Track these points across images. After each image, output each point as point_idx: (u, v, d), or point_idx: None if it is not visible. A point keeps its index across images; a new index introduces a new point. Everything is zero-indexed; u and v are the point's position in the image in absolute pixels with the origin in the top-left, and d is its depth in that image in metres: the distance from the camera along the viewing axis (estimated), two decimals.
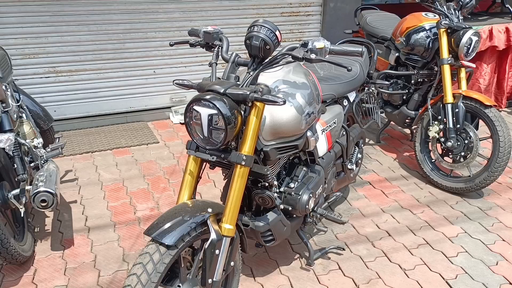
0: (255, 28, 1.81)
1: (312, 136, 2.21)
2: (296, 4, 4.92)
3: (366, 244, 2.82)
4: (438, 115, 3.36)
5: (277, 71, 2.07)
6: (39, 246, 2.77)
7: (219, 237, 1.80)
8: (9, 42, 3.95)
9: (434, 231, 2.95)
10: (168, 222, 1.73)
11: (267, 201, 2.13)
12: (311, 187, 2.28)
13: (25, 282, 2.48)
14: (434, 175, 3.45)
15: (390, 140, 4.28)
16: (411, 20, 3.66)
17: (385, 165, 3.80)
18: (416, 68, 3.66)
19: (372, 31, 4.20)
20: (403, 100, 3.82)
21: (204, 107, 1.76)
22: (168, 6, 4.36)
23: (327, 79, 2.58)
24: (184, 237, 1.73)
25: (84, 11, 4.09)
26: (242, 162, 1.83)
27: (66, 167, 3.69)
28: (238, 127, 1.83)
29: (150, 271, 1.64)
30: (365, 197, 3.33)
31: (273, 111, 1.97)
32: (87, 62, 4.27)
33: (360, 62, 2.78)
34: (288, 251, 2.74)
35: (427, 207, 3.22)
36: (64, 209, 3.13)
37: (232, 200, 1.85)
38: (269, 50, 1.81)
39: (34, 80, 4.14)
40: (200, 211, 1.81)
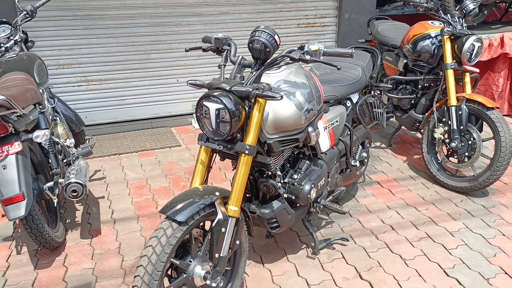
0: (257, 33, 2.06)
1: (313, 132, 2.43)
2: (312, 16, 5.17)
3: (370, 236, 3.00)
4: (443, 117, 3.52)
5: (280, 72, 2.31)
6: (70, 235, 3.05)
7: (225, 217, 2.04)
8: (46, 53, 4.33)
9: (437, 226, 3.10)
10: (181, 202, 1.97)
11: (271, 189, 2.36)
12: (313, 179, 2.49)
13: (57, 265, 2.76)
14: (440, 175, 3.60)
15: (402, 144, 4.45)
16: (418, 28, 3.85)
17: (395, 166, 3.97)
18: (422, 74, 3.84)
19: (383, 40, 4.40)
20: (412, 104, 3.99)
21: (213, 103, 2.02)
22: (190, 19, 4.67)
23: (330, 81, 2.80)
24: (194, 216, 1.97)
25: (113, 25, 4.44)
26: (246, 151, 2.07)
27: (95, 167, 4.00)
28: (243, 120, 2.07)
29: (163, 243, 1.88)
30: (373, 195, 3.51)
31: (276, 107, 2.20)
32: (116, 72, 4.61)
33: (362, 66, 2.99)
34: (296, 242, 2.95)
35: (432, 204, 3.37)
36: (93, 204, 3.42)
37: (237, 185, 2.08)
38: (269, 52, 2.06)
39: (68, 88, 4.50)
40: (209, 194, 2.05)
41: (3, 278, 2.64)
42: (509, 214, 3.23)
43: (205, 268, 2.04)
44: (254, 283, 2.58)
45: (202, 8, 4.67)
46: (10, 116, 2.49)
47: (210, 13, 4.73)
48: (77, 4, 4.28)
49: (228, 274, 2.33)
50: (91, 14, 4.35)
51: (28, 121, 2.62)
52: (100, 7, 4.36)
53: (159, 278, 1.87)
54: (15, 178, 2.44)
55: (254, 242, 2.94)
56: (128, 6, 4.44)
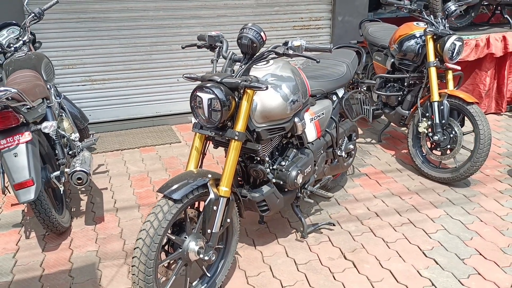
0: (245, 30, 2.28)
1: (299, 122, 2.65)
2: (307, 18, 5.39)
3: (355, 222, 3.21)
4: (426, 112, 3.73)
5: (268, 66, 2.53)
6: (75, 222, 3.27)
7: (217, 197, 2.25)
8: (51, 54, 4.55)
9: (419, 213, 3.31)
10: (176, 183, 2.19)
11: (260, 174, 2.57)
12: (300, 166, 2.70)
13: (63, 248, 2.97)
14: (424, 167, 3.81)
15: (391, 139, 4.66)
16: (403, 29, 4.07)
17: (383, 160, 4.18)
18: (408, 72, 4.05)
19: (373, 41, 4.62)
20: (399, 101, 4.20)
21: (205, 93, 2.24)
22: (190, 21, 4.90)
23: (317, 77, 3.02)
24: (188, 195, 2.18)
25: (115, 27, 4.67)
26: (235, 137, 2.29)
27: (98, 162, 4.21)
28: (232, 109, 2.29)
29: (160, 219, 2.09)
30: (361, 185, 3.72)
31: (263, 98, 2.42)
32: (118, 72, 4.83)
33: (347, 63, 3.21)
34: (286, 227, 3.16)
35: (416, 194, 3.58)
36: (97, 194, 3.64)
37: (228, 168, 2.29)
38: (256, 47, 2.28)
39: (72, 87, 4.72)
40: (202, 176, 2.27)
41: (13, 259, 2.85)
42: (488, 203, 3.43)
43: (199, 244, 2.25)
44: (246, 263, 2.79)
45: (201, 11, 4.90)
46: (21, 108, 2.71)
47: (209, 16, 4.95)
48: (82, 7, 4.51)
49: (221, 252, 2.54)
50: (95, 17, 4.58)
51: (37, 114, 2.85)
52: (103, 10, 4.59)
53: (156, 250, 2.08)
54: (25, 165, 2.66)
55: (247, 227, 3.15)
56: (130, 9, 4.67)
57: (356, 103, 3.32)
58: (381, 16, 6.89)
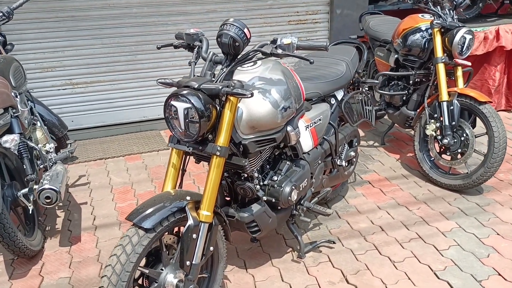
0: (225, 26, 1.95)
1: (293, 131, 2.33)
2: (303, 12, 5.05)
3: (358, 238, 2.89)
4: (434, 113, 3.40)
5: (255, 68, 2.20)
6: (48, 243, 2.96)
7: (196, 223, 1.93)
8: (29, 56, 4.24)
9: (428, 226, 2.99)
10: (148, 208, 1.87)
11: (248, 192, 2.25)
12: (294, 180, 2.38)
13: (32, 275, 2.66)
14: (433, 173, 3.49)
15: (395, 141, 4.33)
16: (408, 22, 3.74)
17: (387, 165, 3.86)
18: (414, 69, 3.72)
19: (374, 35, 4.29)
20: (403, 101, 3.87)
21: (181, 102, 1.91)
22: (177, 18, 4.57)
23: (312, 78, 2.69)
24: (163, 222, 1.87)
25: (97, 26, 4.35)
26: (217, 152, 1.97)
27: (80, 172, 3.90)
28: (213, 120, 1.97)
29: (128, 252, 1.78)
30: (363, 195, 3.40)
31: (250, 105, 2.09)
32: (102, 74, 4.51)
33: (347, 61, 2.88)
34: (282, 245, 2.84)
35: (424, 203, 3.26)
36: (75, 210, 3.33)
37: (209, 189, 1.98)
38: (238, 46, 1.95)
39: (52, 92, 4.40)
40: (180, 199, 1.95)
41: None
42: (504, 212, 3.10)
43: (178, 277, 1.94)
44: None
45: (189, 6, 4.57)
46: None
47: (197, 12, 4.62)
48: (60, 5, 4.19)
49: (206, 281, 2.23)
50: (74, 15, 4.26)
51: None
52: (83, 7, 4.26)
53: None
54: None
55: (238, 246, 2.84)
56: (112, 6, 4.34)
57: (357, 105, 2.99)
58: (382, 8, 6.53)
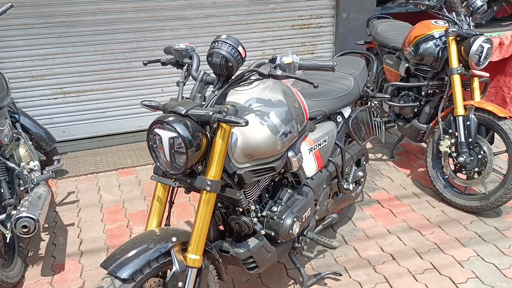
0: (216, 44, 1.70)
1: (294, 157, 2.07)
2: (307, 16, 4.79)
3: (367, 268, 2.63)
4: (449, 128, 3.15)
5: (252, 88, 1.95)
6: (30, 271, 2.72)
7: (183, 268, 1.69)
8: (17, 64, 4.01)
9: (443, 254, 2.73)
10: (126, 253, 1.63)
11: (244, 227, 2.00)
12: (296, 211, 2.13)
13: None
14: (447, 192, 3.23)
15: (405, 155, 4.07)
16: (420, 29, 3.47)
17: (397, 182, 3.60)
18: (426, 79, 3.46)
19: (383, 41, 4.03)
20: (415, 113, 3.61)
21: (165, 130, 1.67)
22: (174, 23, 4.33)
23: (317, 95, 2.44)
24: (144, 269, 1.63)
25: (89, 32, 4.11)
26: (207, 187, 1.72)
27: (69, 189, 3.67)
28: (203, 150, 1.72)
29: None
30: (372, 216, 3.14)
31: (245, 131, 1.85)
32: (94, 82, 4.28)
33: (355, 75, 2.62)
34: (283, 277, 2.59)
35: (438, 227, 3.00)
36: (60, 232, 3.09)
37: (198, 229, 1.73)
38: (231, 67, 1.70)
39: (42, 101, 4.17)
40: (164, 240, 1.71)
41: None
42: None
43: None
44: None
45: (187, 11, 4.32)
46: None
47: (196, 16, 4.37)
48: (49, 10, 3.95)
49: None
50: (64, 21, 4.02)
51: None
52: (74, 13, 4.02)
53: None
54: None
55: (235, 277, 2.60)
56: (105, 11, 4.10)
57: (366, 122, 2.73)
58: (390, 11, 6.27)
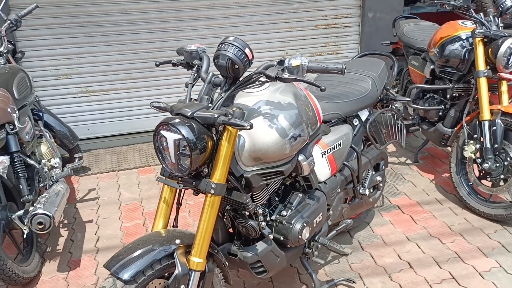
0: (223, 46, 1.68)
1: (305, 161, 2.03)
2: (331, 16, 4.72)
3: (382, 276, 2.57)
4: (474, 133, 3.03)
5: (262, 91, 1.92)
6: (47, 267, 2.78)
7: (185, 271, 1.68)
8: (44, 63, 4.10)
9: (464, 264, 2.63)
10: (130, 254, 1.63)
11: (251, 232, 1.98)
12: (306, 216, 2.09)
13: None
14: (471, 199, 3.11)
15: (430, 159, 3.95)
16: (446, 30, 3.37)
17: (419, 187, 3.50)
18: (451, 82, 3.35)
19: (408, 42, 3.93)
20: (439, 116, 3.50)
21: (170, 132, 1.66)
22: (197, 23, 4.34)
23: (332, 97, 2.39)
24: (146, 271, 1.62)
25: (114, 32, 4.16)
26: (212, 190, 1.70)
27: (90, 186, 3.72)
28: (208, 152, 1.71)
29: None
30: (391, 222, 3.06)
31: (253, 134, 1.82)
32: (118, 82, 4.33)
33: (373, 77, 2.55)
34: (295, 281, 2.55)
35: (460, 235, 2.90)
36: (79, 229, 3.14)
37: (202, 232, 1.72)
38: (238, 69, 1.68)
39: (68, 99, 4.25)
40: (168, 242, 1.70)
41: None
42: None
43: None
44: None
45: (210, 11, 4.33)
46: None
47: (219, 16, 4.37)
48: (76, 10, 4.02)
49: None
50: (90, 21, 4.08)
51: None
52: (100, 13, 4.08)
53: None
54: None
55: (246, 280, 2.57)
56: (130, 12, 4.15)
57: (385, 125, 2.66)
58: (420, 10, 6.14)
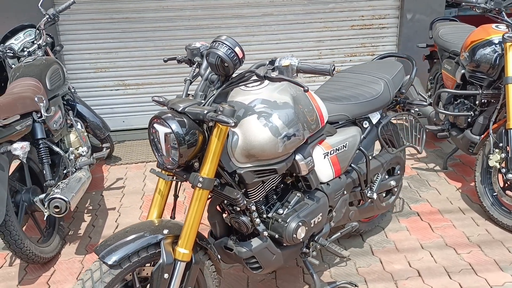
0: (214, 44, 1.72)
1: (303, 160, 2.04)
2: (368, 17, 4.65)
3: (388, 282, 2.52)
4: (500, 142, 2.91)
5: (260, 89, 1.94)
6: (66, 249, 2.93)
7: (170, 261, 1.73)
8: (84, 56, 4.31)
9: (476, 277, 2.54)
10: (117, 240, 1.70)
11: (243, 227, 2.01)
12: (303, 215, 2.10)
13: (40, 282, 2.63)
14: (494, 210, 2.99)
15: (460, 166, 3.82)
16: (478, 33, 3.24)
17: (444, 195, 3.39)
18: (481, 87, 3.22)
19: (443, 45, 3.81)
20: (468, 123, 3.38)
21: (162, 126, 1.72)
22: (231, 21, 4.40)
23: (340, 98, 2.37)
24: (132, 257, 1.69)
25: (150, 28, 4.31)
26: (199, 184, 1.75)
27: (119, 175, 3.88)
28: (198, 147, 1.76)
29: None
30: (407, 229, 2.99)
31: (246, 131, 1.85)
32: (153, 76, 4.48)
33: (386, 80, 2.51)
34: (299, 280, 2.56)
35: (477, 247, 2.79)
36: (101, 215, 3.29)
37: (189, 224, 1.77)
38: (228, 68, 1.71)
39: (105, 92, 4.45)
40: (156, 232, 1.76)
41: None
42: None
43: None
44: None
45: (244, 9, 4.38)
46: None
47: (252, 15, 4.42)
48: (115, 6, 4.20)
49: None
50: (128, 17, 4.25)
51: (10, 132, 2.50)
52: (137, 9, 4.24)
53: None
54: None
55: (251, 275, 2.60)
56: (166, 9, 4.28)
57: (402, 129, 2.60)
58: (467, 13, 5.90)
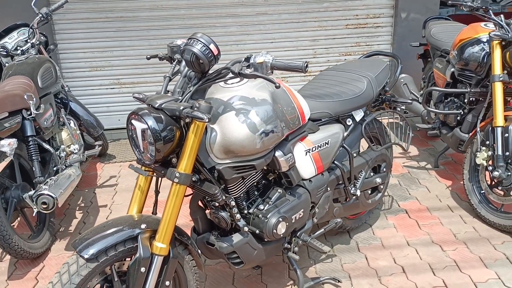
0: (190, 41, 1.75)
1: (282, 157, 2.06)
2: (363, 16, 4.66)
3: (372, 278, 2.54)
4: (487, 139, 2.92)
5: (240, 86, 1.97)
6: (57, 245, 2.97)
7: (147, 255, 1.76)
8: (79, 55, 4.35)
9: (460, 273, 2.55)
10: (95, 235, 1.74)
11: (223, 222, 2.04)
12: (284, 211, 2.12)
13: (29, 277, 2.67)
14: (481, 208, 3.00)
15: (452, 165, 3.82)
16: (467, 32, 3.25)
17: (433, 192, 3.40)
18: (470, 86, 3.23)
19: (435, 44, 3.82)
20: (458, 121, 3.39)
21: (138, 122, 1.75)
22: (226, 20, 4.43)
23: (323, 96, 2.39)
24: (109, 251, 1.72)
25: (144, 27, 4.34)
26: (176, 179, 1.79)
27: (112, 173, 3.92)
28: (175, 143, 1.78)
29: (64, 282, 1.66)
30: (394, 226, 3.01)
31: (224, 128, 1.88)
32: (148, 75, 4.51)
33: (369, 78, 2.52)
34: (283, 276, 2.58)
35: (463, 244, 2.80)
36: (93, 212, 3.33)
37: (167, 219, 1.80)
38: (203, 64, 1.74)
39: (101, 91, 4.49)
40: (134, 226, 1.79)
41: None
42: None
43: None
44: None
45: (238, 8, 4.40)
46: None
47: (247, 14, 4.44)
48: (109, 5, 4.24)
49: None
50: (123, 16, 4.29)
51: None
52: (132, 8, 4.27)
53: None
54: None
55: (237, 272, 2.63)
56: (161, 8, 4.31)
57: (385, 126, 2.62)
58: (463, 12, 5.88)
